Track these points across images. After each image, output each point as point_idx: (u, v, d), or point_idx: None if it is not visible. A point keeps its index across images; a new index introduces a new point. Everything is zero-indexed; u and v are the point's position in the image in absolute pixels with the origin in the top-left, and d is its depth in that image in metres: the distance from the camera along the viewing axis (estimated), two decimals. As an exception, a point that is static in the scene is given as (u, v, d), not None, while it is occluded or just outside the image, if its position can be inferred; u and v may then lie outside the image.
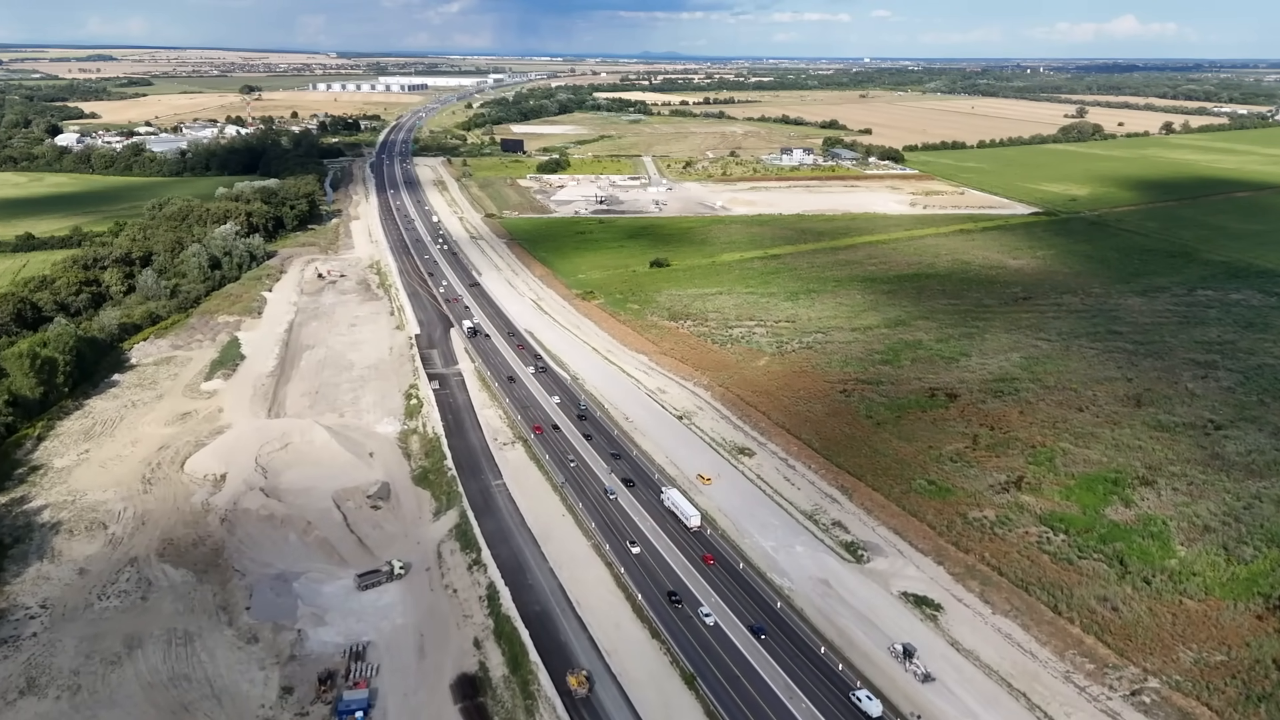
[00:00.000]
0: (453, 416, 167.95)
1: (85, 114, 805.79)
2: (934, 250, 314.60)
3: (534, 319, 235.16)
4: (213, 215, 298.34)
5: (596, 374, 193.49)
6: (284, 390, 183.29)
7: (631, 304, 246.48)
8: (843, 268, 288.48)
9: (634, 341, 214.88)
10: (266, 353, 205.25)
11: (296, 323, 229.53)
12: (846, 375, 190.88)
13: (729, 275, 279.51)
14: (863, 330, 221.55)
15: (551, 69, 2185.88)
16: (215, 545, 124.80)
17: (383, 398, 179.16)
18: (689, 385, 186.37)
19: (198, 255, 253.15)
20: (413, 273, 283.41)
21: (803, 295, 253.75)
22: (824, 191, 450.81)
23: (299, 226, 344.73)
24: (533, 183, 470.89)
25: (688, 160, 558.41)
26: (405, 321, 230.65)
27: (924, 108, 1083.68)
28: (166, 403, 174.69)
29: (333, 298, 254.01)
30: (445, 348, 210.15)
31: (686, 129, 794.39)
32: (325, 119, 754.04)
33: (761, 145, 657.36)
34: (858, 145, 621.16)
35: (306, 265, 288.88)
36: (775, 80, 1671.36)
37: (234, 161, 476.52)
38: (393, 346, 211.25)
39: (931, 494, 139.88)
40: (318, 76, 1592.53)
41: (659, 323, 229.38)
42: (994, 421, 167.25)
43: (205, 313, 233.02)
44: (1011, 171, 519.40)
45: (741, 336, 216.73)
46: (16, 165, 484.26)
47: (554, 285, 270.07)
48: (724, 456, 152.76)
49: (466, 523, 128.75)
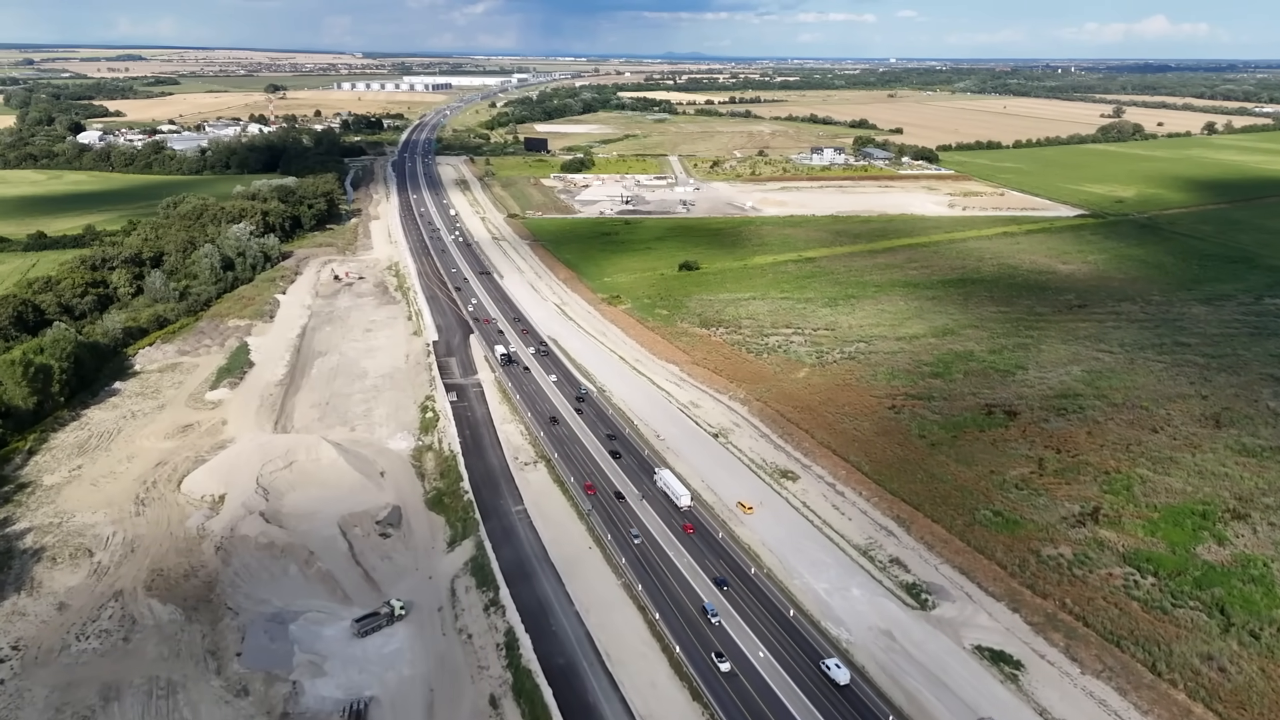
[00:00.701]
0: (470, 432, 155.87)
1: (110, 112, 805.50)
2: (977, 254, 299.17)
3: (558, 325, 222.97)
4: (227, 214, 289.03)
5: (625, 385, 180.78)
6: (293, 401, 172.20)
7: (660, 309, 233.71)
8: (882, 272, 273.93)
9: (664, 350, 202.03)
10: (276, 359, 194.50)
11: (309, 327, 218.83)
12: (894, 389, 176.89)
13: (762, 279, 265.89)
14: (908, 339, 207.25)
15: (575, 69, 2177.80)
16: (208, 577, 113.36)
17: (396, 410, 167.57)
18: (724, 399, 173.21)
19: (209, 256, 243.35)
20: (432, 275, 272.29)
21: (842, 301, 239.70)
22: (857, 192, 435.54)
23: (317, 226, 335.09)
24: (557, 182, 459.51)
25: (715, 160, 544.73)
26: (423, 327, 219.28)
27: (954, 107, 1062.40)
28: (168, 414, 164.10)
29: (348, 301, 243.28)
30: (464, 356, 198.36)
31: (713, 128, 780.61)
32: (348, 117, 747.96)
33: (790, 145, 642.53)
34: (890, 145, 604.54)
35: (323, 267, 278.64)
36: (801, 80, 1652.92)
37: (254, 160, 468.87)
38: (409, 354, 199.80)
39: (998, 526, 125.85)
40: (343, 76, 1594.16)
41: (690, 330, 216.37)
42: (1060, 443, 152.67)
43: (215, 316, 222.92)
44: (1052, 172, 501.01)
45: (778, 345, 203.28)
46: (36, 163, 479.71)
47: (579, 289, 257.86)
48: (765, 481, 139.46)
49: (483, 555, 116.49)
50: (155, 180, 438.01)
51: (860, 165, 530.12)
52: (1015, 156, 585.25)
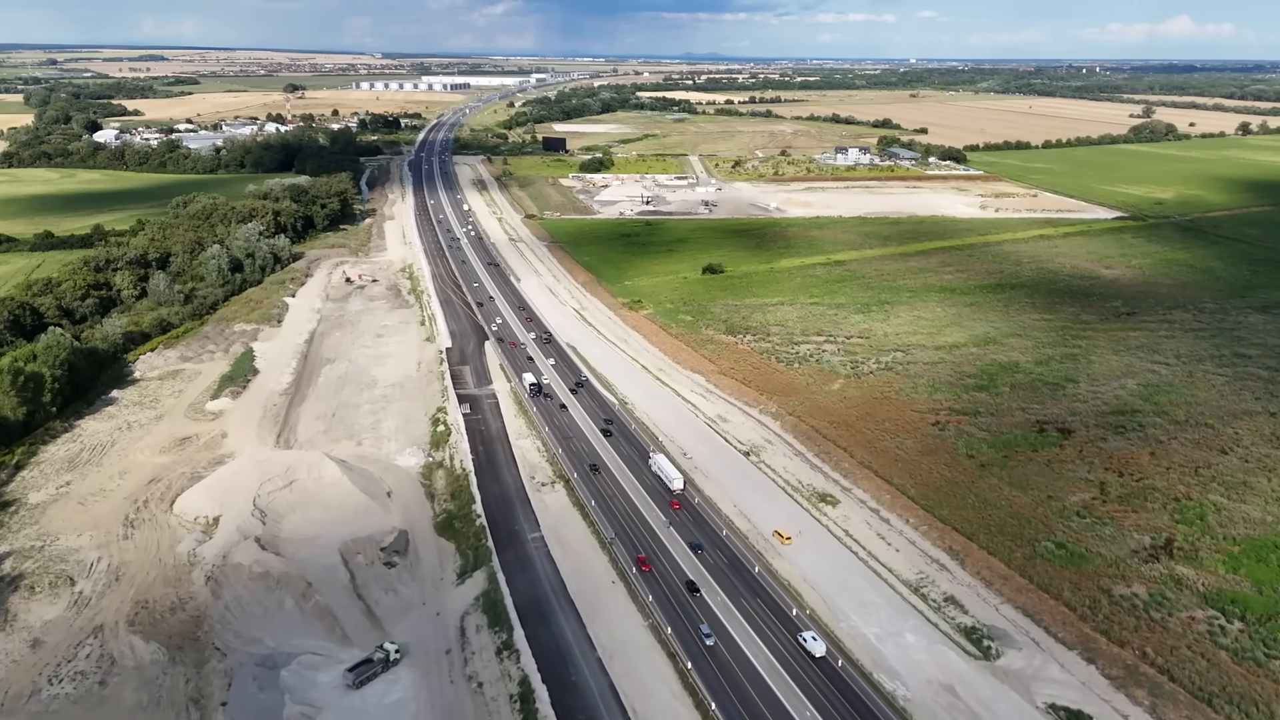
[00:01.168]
0: (484, 448, 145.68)
1: (128, 111, 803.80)
2: (1014, 257, 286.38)
3: (577, 331, 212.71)
4: (237, 214, 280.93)
5: (647, 397, 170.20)
6: (297, 412, 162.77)
7: (684, 315, 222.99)
8: (916, 275, 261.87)
9: (688, 359, 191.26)
10: (282, 367, 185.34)
11: (318, 332, 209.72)
12: (937, 403, 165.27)
13: (790, 283, 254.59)
14: (948, 349, 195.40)
15: (594, 69, 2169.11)
16: (196, 611, 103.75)
17: (406, 423, 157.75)
18: (754, 413, 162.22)
19: (217, 257, 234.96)
20: (446, 278, 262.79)
21: (875, 307, 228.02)
22: (885, 192, 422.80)
23: (330, 226, 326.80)
24: (575, 182, 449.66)
25: (737, 159, 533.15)
26: (436, 333, 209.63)
27: (978, 107, 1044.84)
28: (165, 425, 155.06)
29: (359, 304, 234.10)
30: (478, 364, 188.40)
31: (733, 128, 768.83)
32: (365, 117, 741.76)
33: (813, 144, 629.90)
34: (915, 144, 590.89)
35: (334, 268, 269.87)
36: (821, 80, 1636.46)
37: (269, 159, 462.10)
38: (421, 361, 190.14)
39: (1062, 560, 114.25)
40: (362, 76, 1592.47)
41: (715, 337, 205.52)
42: (1121, 465, 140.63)
43: (221, 320, 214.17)
44: (1085, 173, 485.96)
45: (810, 355, 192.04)
46: (50, 161, 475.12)
47: (598, 293, 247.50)
48: (803, 506, 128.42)
49: (496, 590, 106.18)
50: (169, 179, 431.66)
51: (886, 165, 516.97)
52: (1046, 157, 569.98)
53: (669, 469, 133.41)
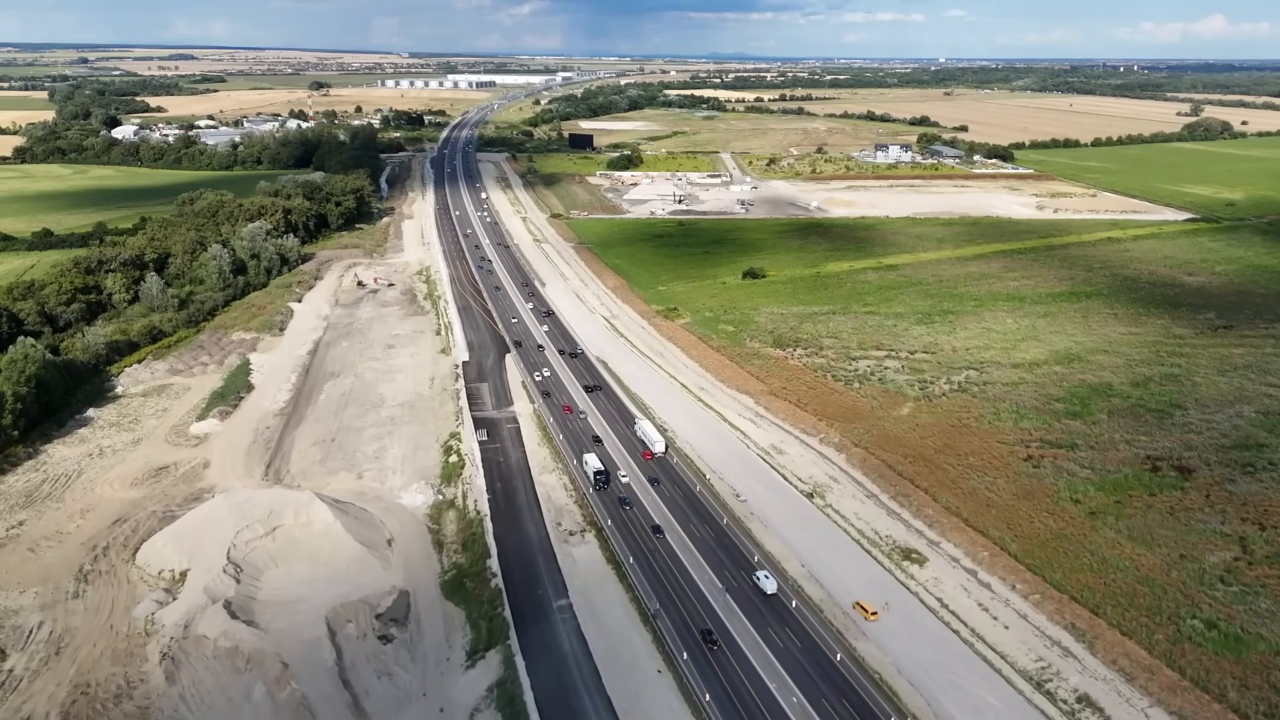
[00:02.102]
0: (502, 485, 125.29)
1: (150, 108, 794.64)
2: (1083, 261, 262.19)
3: (607, 343, 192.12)
4: (245, 212, 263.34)
5: (689, 423, 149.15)
6: (292, 436, 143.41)
7: (725, 325, 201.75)
8: (978, 282, 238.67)
9: (733, 377, 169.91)
10: (281, 382, 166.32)
11: (323, 342, 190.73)
12: (1025, 433, 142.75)
13: (840, 290, 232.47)
14: (1027, 367, 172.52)
15: (620, 69, 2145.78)
16: (145, 700, 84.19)
17: (415, 451, 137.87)
18: (813, 443, 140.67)
19: (218, 258, 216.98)
20: (466, 282, 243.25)
21: (938, 317, 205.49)
22: (931, 191, 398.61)
23: (345, 226, 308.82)
24: (603, 180, 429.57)
25: (771, 157, 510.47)
26: (452, 343, 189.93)
27: (1017, 105, 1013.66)
28: (142, 452, 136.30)
29: (371, 311, 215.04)
30: (498, 381, 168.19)
31: (765, 125, 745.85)
32: (389, 113, 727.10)
33: (849, 142, 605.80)
34: (958, 142, 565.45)
35: (346, 271, 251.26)
36: (851, 78, 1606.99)
37: (286, 155, 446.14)
38: (435, 377, 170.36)
39: (1216, 645, 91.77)
40: (387, 74, 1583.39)
41: (762, 351, 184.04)
42: (1261, 514, 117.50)
43: (219, 328, 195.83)
44: (1142, 172, 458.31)
45: (871, 372, 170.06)
46: (64, 157, 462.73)
47: (630, 299, 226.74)
48: (882, 564, 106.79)
49: (514, 679, 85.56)
50: (183, 177, 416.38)
51: (929, 164, 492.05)
52: (1098, 155, 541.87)
53: (651, 433, 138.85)
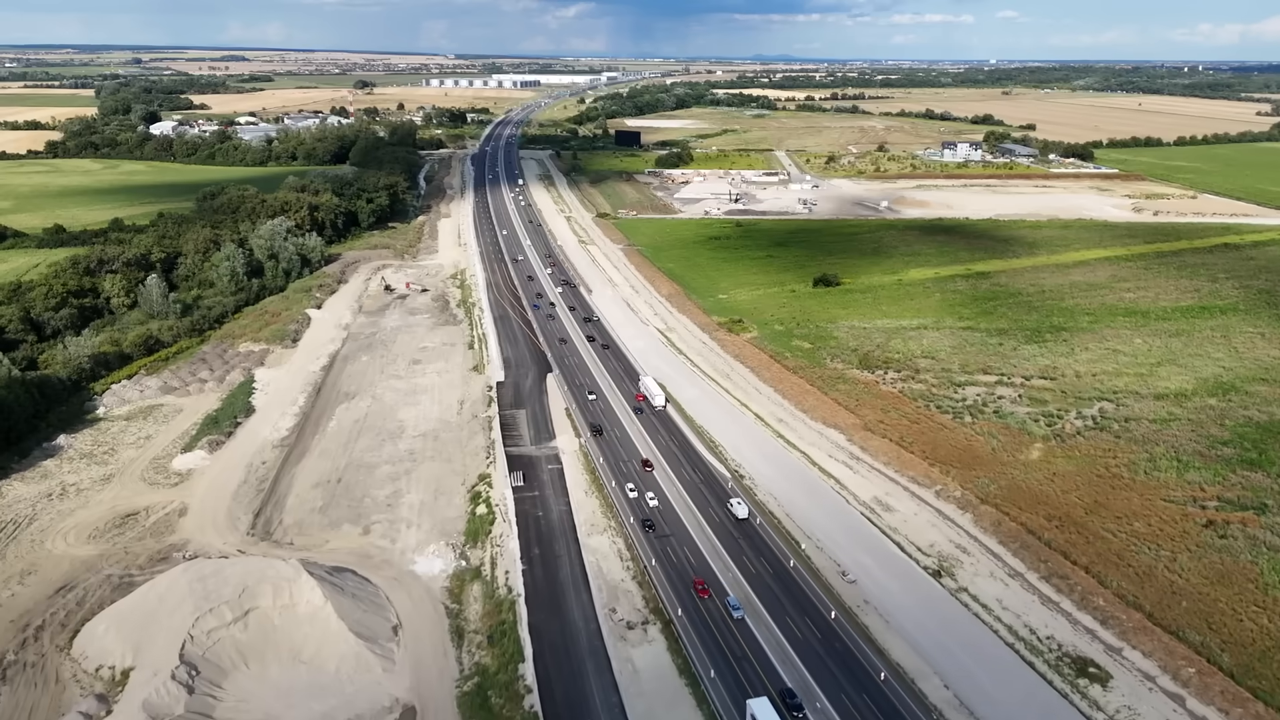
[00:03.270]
0: (541, 550, 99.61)
1: (194, 105, 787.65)
2: (1204, 271, 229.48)
3: (664, 362, 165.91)
4: (268, 208, 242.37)
5: (769, 466, 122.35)
6: (291, 475, 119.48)
7: (799, 340, 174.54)
8: (1086, 293, 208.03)
9: (817, 406, 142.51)
10: (286, 404, 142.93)
11: (341, 356, 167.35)
12: (1195, 488, 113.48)
13: (927, 300, 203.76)
14: (1174, 399, 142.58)
15: (665, 69, 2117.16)
16: None
17: (436, 496, 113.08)
18: (928, 496, 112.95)
19: (231, 259, 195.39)
20: (504, 287, 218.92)
21: (1049, 335, 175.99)
22: (1010, 192, 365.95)
23: (377, 224, 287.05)
24: (651, 178, 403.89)
25: (830, 155, 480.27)
26: (487, 359, 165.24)
27: (1082, 104, 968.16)
28: (110, 493, 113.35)
29: (397, 319, 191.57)
30: (538, 407, 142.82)
31: (818, 123, 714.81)
32: (430, 110, 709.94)
33: (910, 140, 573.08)
34: (1030, 140, 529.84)
35: (374, 274, 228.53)
36: (903, 78, 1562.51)
37: (322, 151, 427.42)
38: (464, 400, 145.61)
39: None
40: (433, 74, 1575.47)
41: (846, 373, 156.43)
42: None
43: (226, 337, 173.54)
44: (1239, 173, 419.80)
45: (982, 402, 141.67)
46: (97, 152, 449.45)
47: (687, 309, 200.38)
48: (1053, 684, 78.94)
49: None
50: (215, 172, 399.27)
51: (1002, 162, 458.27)
52: (1184, 155, 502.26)
53: (653, 388, 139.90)
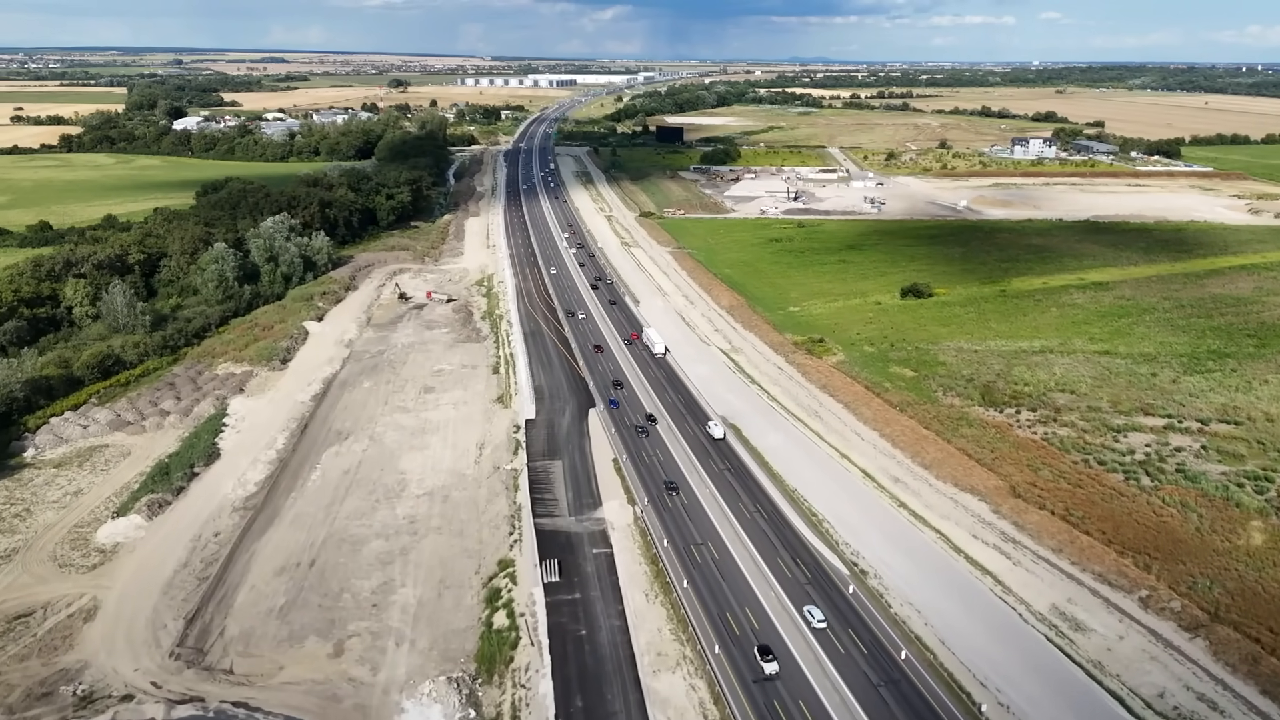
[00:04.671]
0: (585, 701, 67.69)
1: (224, 102, 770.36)
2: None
3: (733, 392, 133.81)
4: (273, 203, 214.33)
5: (896, 552, 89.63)
6: (248, 555, 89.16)
7: (898, 366, 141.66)
8: (1237, 309, 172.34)
9: (940, 458, 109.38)
10: (260, 447, 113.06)
11: (338, 381, 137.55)
12: None
13: (1043, 316, 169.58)
14: None
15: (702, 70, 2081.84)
16: None
17: (439, 593, 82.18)
18: (1129, 607, 79.66)
19: (220, 261, 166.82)
20: (537, 296, 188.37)
21: (1210, 361, 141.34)
22: (1101, 190, 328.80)
23: (398, 222, 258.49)
24: (698, 175, 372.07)
25: (889, 151, 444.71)
26: (514, 388, 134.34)
27: (1144, 103, 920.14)
28: (7, 578, 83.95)
29: (410, 334, 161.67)
30: (577, 457, 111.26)
31: (869, 120, 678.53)
32: (464, 107, 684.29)
33: (971, 138, 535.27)
34: (1105, 137, 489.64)
35: (389, 279, 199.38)
36: (949, 77, 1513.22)
37: (346, 145, 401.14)
38: (485, 443, 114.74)
39: None
40: (468, 74, 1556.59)
41: (967, 411, 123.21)
42: None
43: (204, 355, 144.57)
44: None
45: (1156, 456, 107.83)
46: (114, 146, 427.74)
47: (754, 324, 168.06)
48: None
49: None
50: (232, 167, 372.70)
51: (1081, 160, 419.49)
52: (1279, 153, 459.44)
53: (654, 336, 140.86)
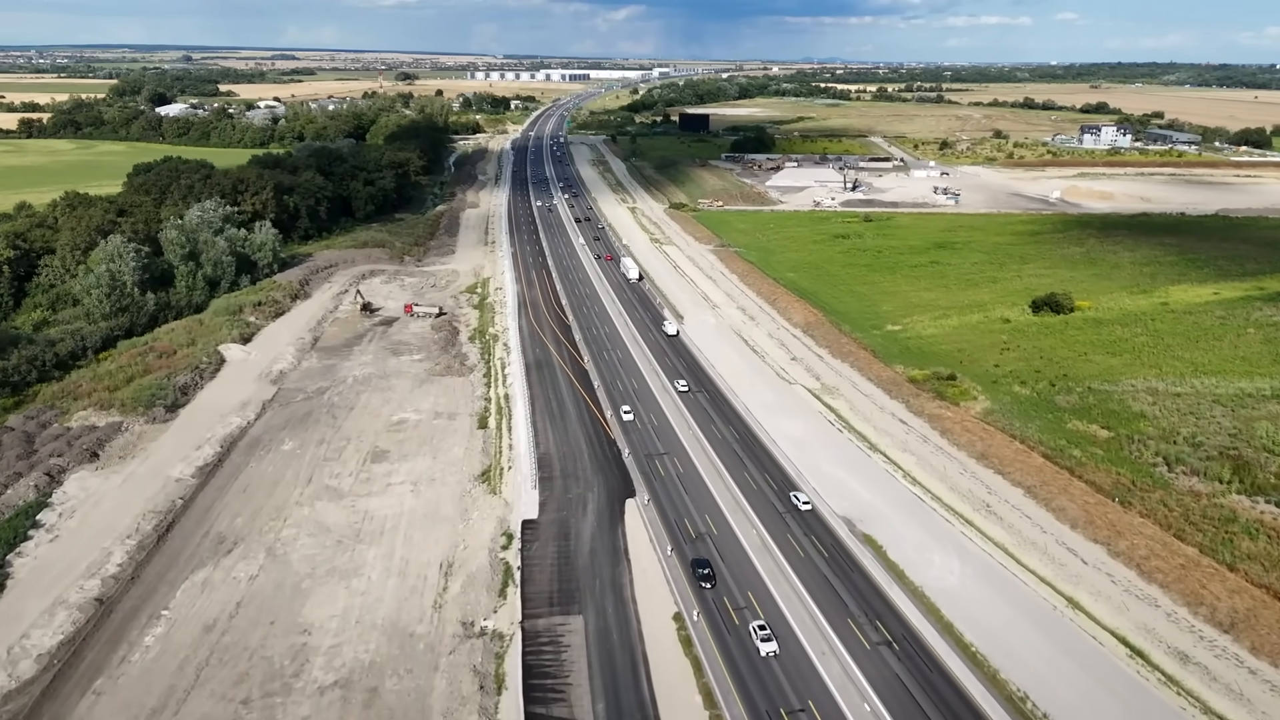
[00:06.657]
0: None
1: (220, 91, 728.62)
2: None
3: (850, 472, 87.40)
4: (216, 187, 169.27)
5: None
6: None
7: (1075, 420, 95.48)
8: None
9: (1215, 596, 63.12)
10: (80, 573, 67.46)
11: (247, 440, 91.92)
12: None
13: (1236, 338, 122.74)
14: None
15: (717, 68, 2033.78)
16: None
17: None
18: None
19: (113, 260, 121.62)
20: (545, 310, 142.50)
21: None
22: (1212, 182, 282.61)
23: (378, 214, 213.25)
24: (732, 164, 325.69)
25: (943, 140, 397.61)
26: (509, 455, 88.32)
27: (1190, 97, 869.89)
28: None
29: (368, 362, 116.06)
30: (612, 605, 64.65)
31: (904, 112, 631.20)
32: (470, 96, 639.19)
33: (1024, 128, 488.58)
34: (1180, 125, 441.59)
35: (353, 284, 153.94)
36: (974, 74, 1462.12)
37: (334, 130, 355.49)
38: (452, 568, 68.70)
39: None
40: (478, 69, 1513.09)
41: (1226, 504, 76.98)
42: None
43: (60, 397, 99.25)
44: None
45: None
46: (79, 131, 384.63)
47: (845, 351, 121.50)
48: None
49: None
50: (204, 153, 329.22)
51: (1163, 150, 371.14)
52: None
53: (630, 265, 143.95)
